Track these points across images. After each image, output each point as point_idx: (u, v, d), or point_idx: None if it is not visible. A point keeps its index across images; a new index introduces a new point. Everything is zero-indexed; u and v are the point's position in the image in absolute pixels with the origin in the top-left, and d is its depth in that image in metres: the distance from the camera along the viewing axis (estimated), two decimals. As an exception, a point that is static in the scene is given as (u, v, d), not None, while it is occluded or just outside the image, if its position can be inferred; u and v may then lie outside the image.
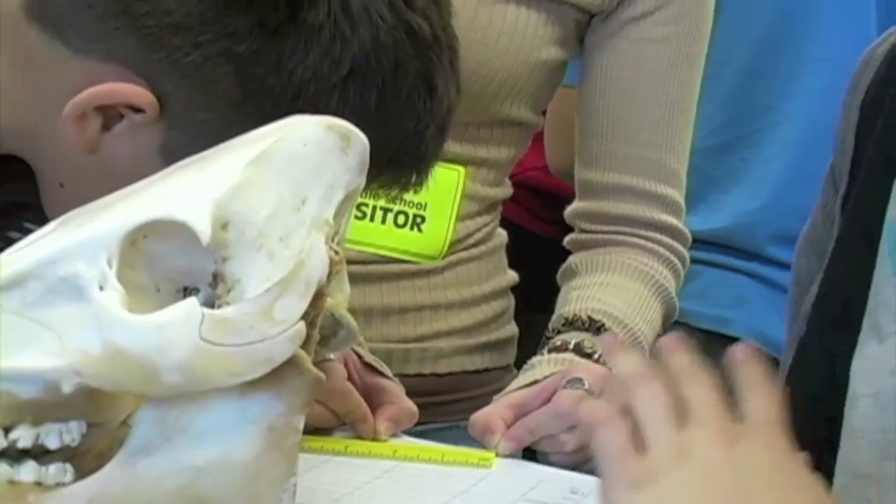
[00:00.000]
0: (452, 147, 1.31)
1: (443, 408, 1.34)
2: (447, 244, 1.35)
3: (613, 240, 1.34)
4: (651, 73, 1.32)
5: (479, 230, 1.39)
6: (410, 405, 1.13)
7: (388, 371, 1.17)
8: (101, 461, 0.74)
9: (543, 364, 1.19)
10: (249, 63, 0.85)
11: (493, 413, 1.12)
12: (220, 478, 0.74)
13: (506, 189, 1.41)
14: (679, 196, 1.36)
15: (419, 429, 1.14)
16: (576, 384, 1.11)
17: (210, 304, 0.73)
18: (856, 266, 0.83)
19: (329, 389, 1.07)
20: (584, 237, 1.36)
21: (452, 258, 1.37)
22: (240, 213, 0.74)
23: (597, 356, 1.19)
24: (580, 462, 1.07)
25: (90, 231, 0.73)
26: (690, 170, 1.38)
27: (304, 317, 0.74)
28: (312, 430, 1.06)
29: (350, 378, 1.13)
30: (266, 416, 0.74)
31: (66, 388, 0.72)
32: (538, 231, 2.06)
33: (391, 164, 0.91)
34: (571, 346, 1.20)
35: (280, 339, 0.73)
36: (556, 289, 1.34)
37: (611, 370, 1.16)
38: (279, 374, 0.74)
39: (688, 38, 1.33)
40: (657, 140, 1.33)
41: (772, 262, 1.82)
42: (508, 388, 1.17)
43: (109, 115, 0.87)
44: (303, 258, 0.74)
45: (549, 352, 1.21)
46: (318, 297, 0.76)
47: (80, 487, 0.74)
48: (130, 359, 0.71)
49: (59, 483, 0.74)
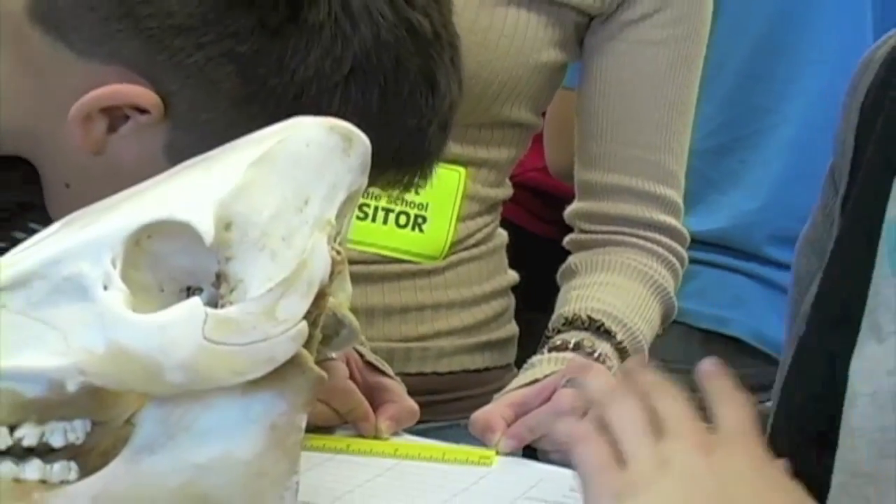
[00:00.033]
0: (453, 148, 1.30)
1: (444, 406, 1.34)
2: (448, 244, 1.35)
3: (613, 240, 1.34)
4: (650, 75, 1.32)
5: (480, 230, 1.39)
6: (412, 404, 1.13)
7: (390, 370, 1.17)
8: (106, 459, 0.74)
9: (543, 363, 1.19)
10: (252, 63, 0.85)
11: (494, 412, 1.11)
12: (223, 476, 0.74)
13: (506, 190, 1.41)
14: (678, 197, 1.36)
15: (420, 427, 1.14)
16: (575, 383, 1.11)
17: (213, 304, 0.73)
18: (855, 266, 0.83)
19: (331, 388, 1.07)
20: (584, 237, 1.36)
21: (453, 258, 1.37)
22: (243, 214, 0.73)
23: (596, 355, 1.19)
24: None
25: (94, 231, 0.73)
26: (689, 171, 1.38)
27: (307, 316, 0.74)
28: (314, 429, 1.06)
29: (352, 377, 1.13)
30: (268, 415, 0.74)
31: (71, 387, 0.72)
32: (538, 231, 2.06)
33: (395, 162, 0.91)
34: (571, 346, 1.20)
35: (283, 339, 0.73)
36: (556, 288, 1.34)
37: (610, 369, 1.17)
38: (282, 373, 0.74)
39: (686, 41, 1.33)
40: (656, 141, 1.33)
41: (770, 263, 1.82)
42: (509, 387, 1.17)
43: (115, 117, 0.87)
44: (305, 258, 0.74)
45: (549, 351, 1.21)
46: (321, 297, 0.76)
47: (85, 485, 0.74)
48: (134, 358, 0.71)
49: (64, 481, 0.74)
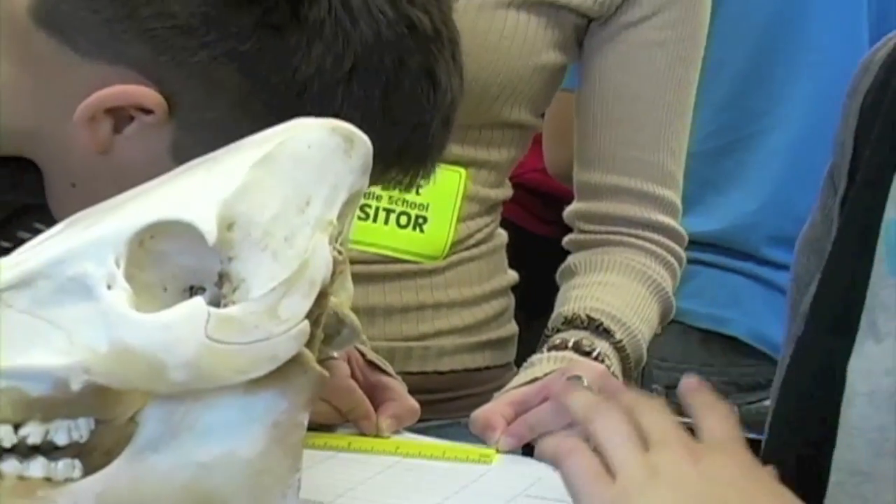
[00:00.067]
0: (454, 149, 1.30)
1: (444, 405, 1.34)
2: (448, 244, 1.35)
3: (611, 240, 1.34)
4: (649, 77, 1.32)
5: (480, 230, 1.39)
6: (412, 402, 1.13)
7: (391, 369, 1.17)
8: (109, 457, 0.74)
9: (543, 362, 1.19)
10: (254, 62, 0.85)
11: (494, 410, 1.11)
12: (226, 474, 0.73)
13: (506, 190, 1.41)
14: (676, 197, 1.36)
15: (421, 425, 1.14)
16: (575, 381, 1.11)
17: (216, 304, 0.73)
18: (853, 266, 0.83)
19: (333, 387, 1.07)
20: (583, 237, 1.36)
21: (454, 258, 1.37)
22: (245, 214, 0.73)
23: (595, 354, 1.19)
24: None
25: (98, 231, 0.73)
26: (688, 173, 1.38)
27: (309, 315, 0.74)
28: (316, 427, 1.06)
29: (353, 376, 1.13)
30: (271, 413, 0.74)
31: (75, 386, 0.72)
32: (538, 231, 2.06)
33: (398, 158, 0.91)
34: (570, 345, 1.20)
35: (285, 338, 0.73)
36: (556, 288, 1.34)
37: (608, 368, 1.17)
38: (284, 372, 0.74)
39: (684, 43, 1.33)
40: (655, 142, 1.33)
41: (767, 263, 1.82)
42: (509, 386, 1.17)
43: (120, 117, 0.87)
44: (307, 258, 0.74)
45: (549, 350, 1.21)
46: (322, 297, 0.76)
47: (89, 483, 0.74)
48: (138, 356, 0.71)
49: (68, 478, 0.74)
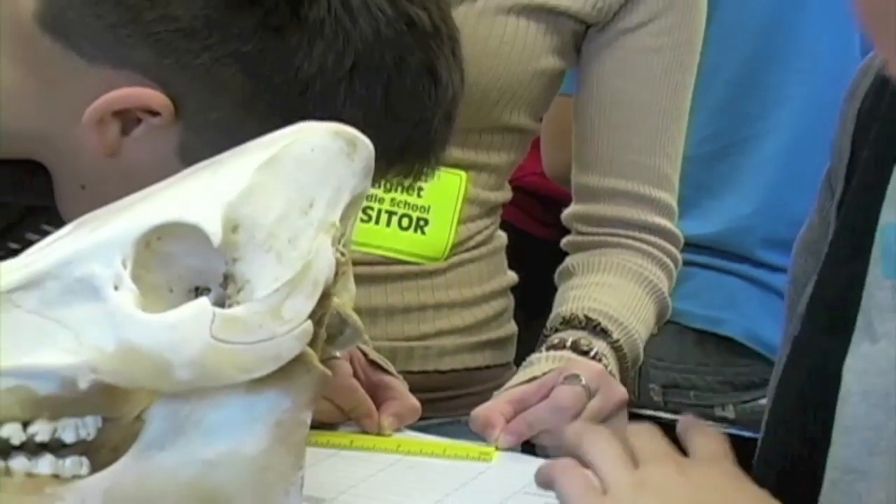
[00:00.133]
0: (454, 153, 1.30)
1: (445, 403, 1.34)
2: (449, 246, 1.35)
3: (609, 241, 1.34)
4: (645, 82, 1.32)
5: (480, 232, 1.39)
6: (414, 401, 1.13)
7: (393, 368, 1.17)
8: (116, 454, 0.74)
9: (542, 361, 1.18)
10: (256, 62, 0.84)
11: (494, 408, 1.11)
12: (230, 471, 0.73)
13: (505, 193, 1.41)
14: (672, 200, 1.36)
15: (422, 424, 1.14)
16: (573, 380, 1.11)
17: (221, 304, 0.73)
18: (849, 268, 0.83)
19: (335, 386, 1.07)
20: (581, 239, 1.36)
21: (454, 259, 1.36)
22: (250, 216, 0.73)
23: (593, 353, 1.19)
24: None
25: (106, 233, 0.73)
26: (683, 177, 1.38)
27: (312, 316, 0.74)
28: (319, 425, 1.06)
29: (355, 375, 1.13)
30: (274, 412, 0.74)
31: (83, 385, 0.72)
32: (536, 233, 2.06)
33: (402, 154, 0.90)
34: (569, 344, 1.20)
35: (288, 338, 0.73)
36: (554, 289, 1.34)
37: (606, 367, 1.17)
38: (287, 371, 0.74)
39: (681, 48, 1.33)
40: (651, 146, 1.33)
41: (762, 265, 1.82)
42: (508, 385, 1.17)
43: (127, 120, 0.87)
44: (310, 259, 0.74)
45: (548, 349, 1.21)
46: (325, 297, 0.76)
47: (96, 479, 0.74)
48: (144, 356, 0.71)
49: (76, 475, 0.74)
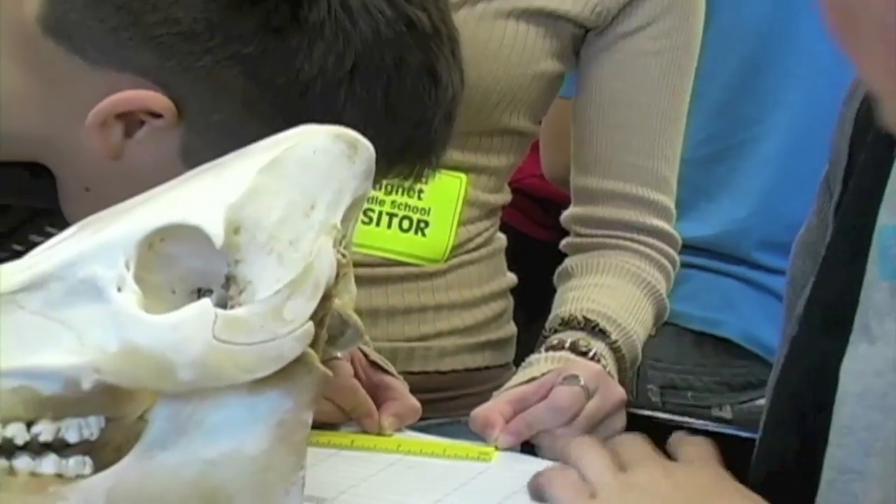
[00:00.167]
0: (454, 155, 1.30)
1: (445, 404, 1.34)
2: (449, 248, 1.35)
3: (607, 243, 1.34)
4: (644, 85, 1.32)
5: (480, 234, 1.39)
6: (414, 401, 1.13)
7: (393, 369, 1.17)
8: (119, 454, 0.74)
9: (541, 362, 1.18)
10: (257, 64, 0.84)
11: (493, 408, 1.11)
12: (232, 470, 0.73)
13: (505, 195, 1.41)
14: (670, 202, 1.36)
15: (422, 424, 1.14)
16: (572, 381, 1.11)
17: (223, 305, 0.73)
18: (847, 270, 0.83)
19: (336, 386, 1.07)
20: (580, 241, 1.36)
21: (454, 261, 1.36)
22: (252, 218, 0.73)
23: (592, 354, 1.19)
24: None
25: (109, 235, 0.73)
26: (681, 180, 1.38)
27: (313, 317, 0.74)
28: (320, 425, 1.05)
29: (356, 375, 1.13)
30: (275, 412, 0.74)
31: (86, 385, 0.72)
32: (536, 235, 2.06)
33: (402, 154, 0.90)
34: (567, 345, 1.20)
35: (290, 338, 0.73)
36: (553, 290, 1.34)
37: (604, 368, 1.17)
38: (288, 372, 0.74)
39: (679, 52, 1.33)
40: (649, 148, 1.33)
41: (759, 267, 1.82)
42: (508, 385, 1.17)
43: (130, 122, 0.87)
44: (312, 261, 0.74)
45: (547, 350, 1.20)
46: (326, 298, 0.76)
47: (99, 479, 0.73)
48: (147, 356, 0.71)
49: (79, 475, 0.74)
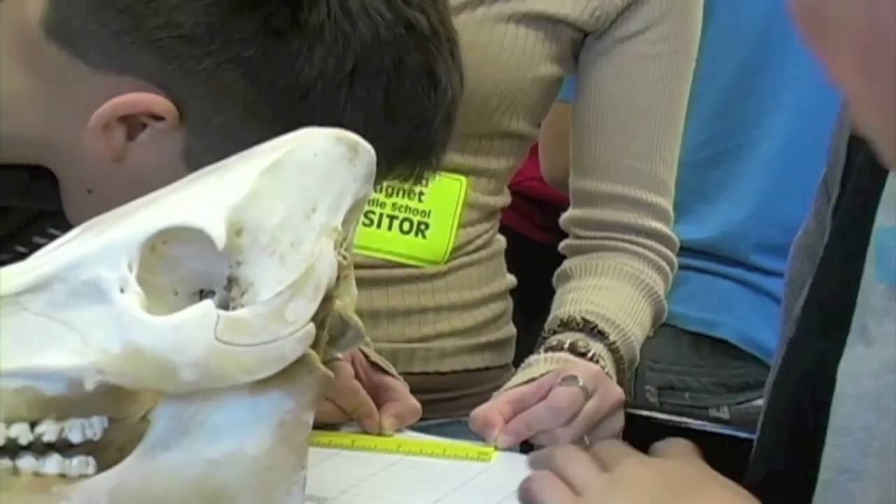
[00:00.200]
0: (455, 158, 1.30)
1: (445, 404, 1.34)
2: (449, 250, 1.35)
3: (606, 245, 1.34)
4: (642, 88, 1.32)
5: (480, 236, 1.39)
6: (414, 402, 1.13)
7: (393, 370, 1.17)
8: (122, 454, 0.74)
9: (540, 362, 1.18)
10: (258, 67, 0.84)
11: (493, 409, 1.11)
12: (234, 470, 0.73)
13: (505, 198, 1.41)
14: (668, 204, 1.36)
15: (422, 424, 1.14)
16: (571, 381, 1.11)
17: (225, 306, 0.73)
18: (844, 271, 0.83)
19: (337, 387, 1.07)
20: (579, 243, 1.36)
21: (454, 263, 1.36)
22: (253, 220, 0.73)
23: (590, 355, 1.19)
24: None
25: (112, 237, 0.73)
26: (679, 182, 1.38)
27: (314, 318, 0.74)
28: (321, 426, 1.06)
29: (357, 376, 1.13)
30: (277, 413, 0.74)
31: (89, 386, 0.72)
32: (535, 237, 2.06)
33: (402, 156, 0.90)
34: (566, 346, 1.20)
35: (291, 340, 0.73)
36: (552, 292, 1.34)
37: (603, 368, 1.17)
38: (290, 373, 0.73)
39: (676, 56, 1.33)
40: (648, 151, 1.33)
41: (756, 269, 1.82)
42: (507, 386, 1.17)
43: (132, 125, 0.87)
44: (313, 263, 0.74)
45: (546, 351, 1.20)
46: (328, 300, 0.76)
47: (102, 479, 0.73)
48: (149, 357, 0.71)
49: (82, 475, 0.74)
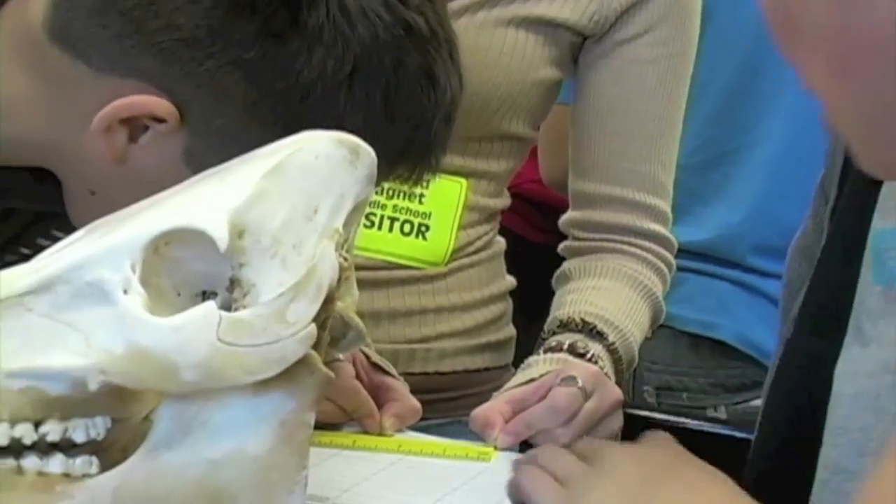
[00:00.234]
0: (455, 160, 1.30)
1: (445, 404, 1.34)
2: (450, 251, 1.35)
3: (605, 247, 1.34)
4: (641, 91, 1.32)
5: (480, 238, 1.39)
6: (414, 402, 1.13)
7: (394, 370, 1.17)
8: (125, 454, 0.74)
9: (540, 363, 1.18)
10: (258, 69, 0.84)
11: (493, 409, 1.11)
12: (235, 470, 0.73)
13: (504, 200, 1.41)
14: (666, 206, 1.36)
15: (423, 424, 1.14)
16: (570, 382, 1.11)
17: (227, 308, 0.73)
18: (840, 273, 0.83)
19: (338, 387, 1.07)
20: (578, 244, 1.36)
21: (454, 264, 1.36)
22: (255, 222, 0.73)
23: (589, 356, 1.19)
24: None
25: (115, 238, 0.73)
26: (676, 185, 1.38)
27: (316, 319, 0.74)
28: (322, 426, 1.05)
29: (358, 377, 1.13)
30: (278, 413, 0.74)
31: (92, 386, 0.72)
32: (534, 239, 2.06)
33: (402, 156, 0.90)
34: (566, 347, 1.20)
35: (292, 341, 0.73)
36: (551, 293, 1.34)
37: (602, 369, 1.17)
38: (291, 373, 0.74)
39: (675, 59, 1.33)
40: (646, 153, 1.33)
41: (753, 271, 1.82)
42: (507, 386, 1.17)
43: (134, 127, 0.87)
44: (314, 264, 0.74)
45: (545, 352, 1.20)
46: (329, 301, 0.76)
47: (105, 478, 0.73)
48: (152, 358, 0.71)
49: (86, 474, 0.74)
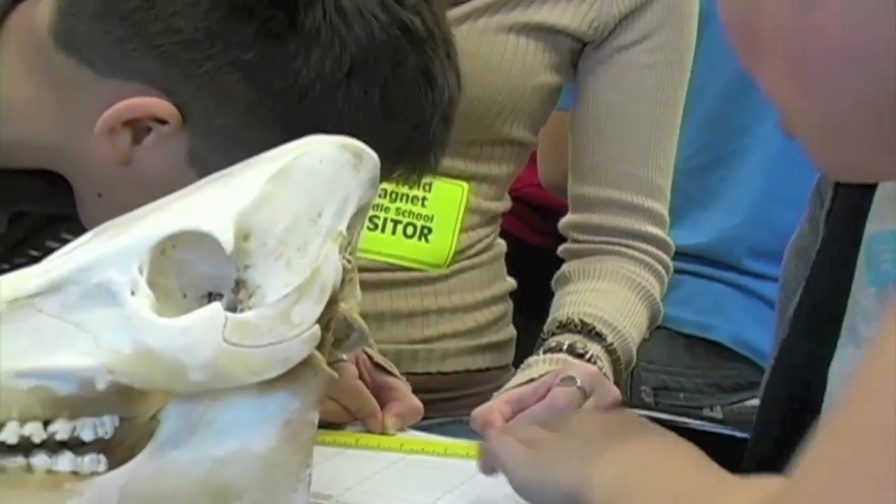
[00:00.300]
0: (457, 164, 1.31)
1: (446, 404, 1.34)
2: (451, 253, 1.35)
3: (603, 249, 1.34)
4: (639, 96, 1.32)
5: (481, 241, 1.39)
6: (416, 402, 1.13)
7: (396, 370, 1.17)
8: (133, 452, 0.74)
9: (539, 364, 1.18)
10: (257, 70, 0.84)
11: (493, 408, 1.11)
12: (241, 468, 0.73)
13: (505, 203, 1.41)
14: (664, 209, 1.36)
15: (424, 423, 1.14)
16: (569, 382, 1.11)
17: (233, 309, 0.73)
18: (836, 275, 0.83)
19: (342, 387, 1.07)
20: (577, 247, 1.36)
21: (456, 266, 1.36)
22: (261, 225, 0.73)
23: (588, 356, 1.19)
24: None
25: (123, 241, 0.73)
26: (673, 189, 1.38)
27: (319, 320, 0.74)
28: (326, 425, 1.05)
29: (361, 377, 1.13)
30: (283, 412, 0.74)
31: (101, 386, 0.72)
32: (534, 242, 2.06)
33: (401, 156, 0.90)
34: (565, 347, 1.20)
35: (297, 341, 0.73)
36: (551, 294, 1.34)
37: (600, 369, 1.17)
38: (296, 373, 0.73)
39: (672, 65, 1.33)
40: (644, 158, 1.33)
41: (749, 273, 1.82)
42: (507, 386, 1.17)
43: (137, 129, 0.87)
44: (318, 266, 0.74)
45: (545, 352, 1.20)
46: (333, 303, 0.76)
47: (113, 476, 0.73)
48: (159, 358, 0.71)
49: (94, 472, 0.74)
